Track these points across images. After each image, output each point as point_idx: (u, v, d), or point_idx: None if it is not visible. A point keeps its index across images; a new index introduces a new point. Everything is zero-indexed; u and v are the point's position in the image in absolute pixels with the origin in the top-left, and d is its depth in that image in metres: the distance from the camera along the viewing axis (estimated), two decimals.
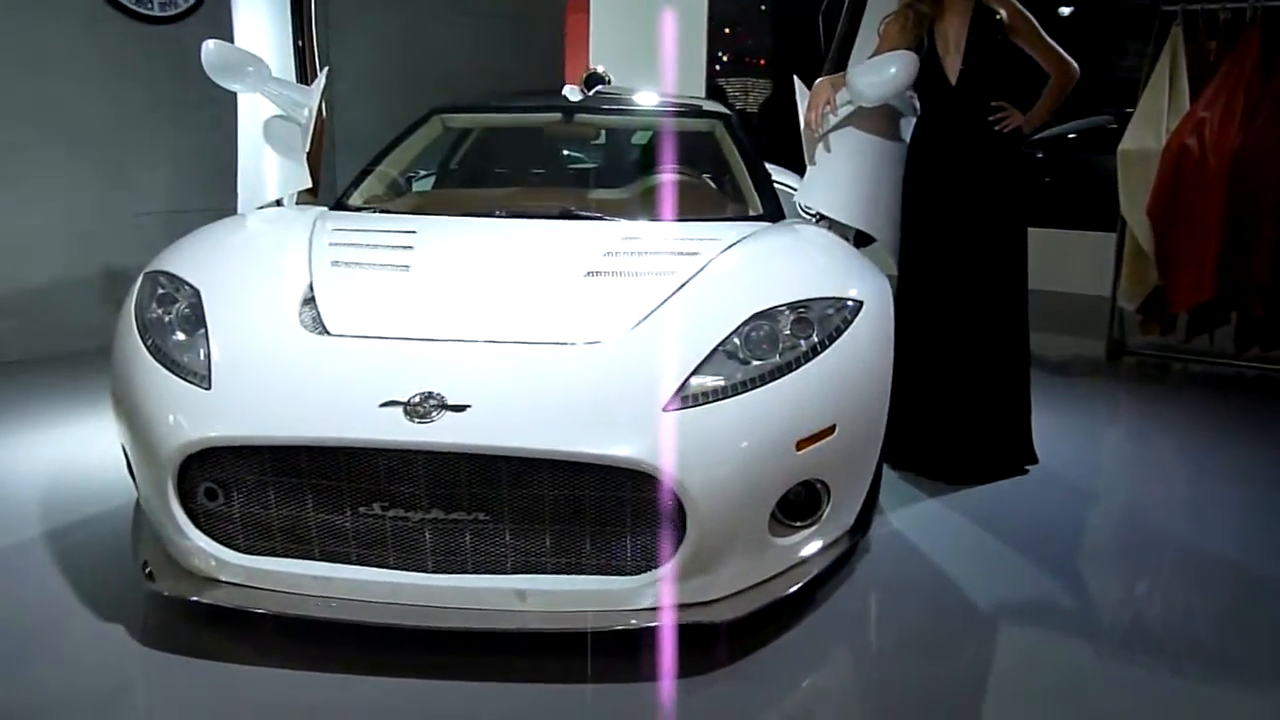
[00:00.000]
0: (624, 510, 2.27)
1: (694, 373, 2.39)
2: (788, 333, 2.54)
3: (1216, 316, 5.48)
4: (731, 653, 2.41)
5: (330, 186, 5.00)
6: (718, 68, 11.15)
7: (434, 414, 2.25)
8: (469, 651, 2.37)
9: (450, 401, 2.27)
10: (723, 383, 2.39)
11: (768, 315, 2.56)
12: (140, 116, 5.53)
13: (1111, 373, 5.65)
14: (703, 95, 8.59)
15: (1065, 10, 8.83)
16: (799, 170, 4.24)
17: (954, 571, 2.94)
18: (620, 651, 2.36)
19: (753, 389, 2.40)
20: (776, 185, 3.76)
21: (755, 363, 2.46)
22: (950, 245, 3.63)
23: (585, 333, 2.52)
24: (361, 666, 2.32)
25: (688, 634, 2.36)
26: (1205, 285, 5.15)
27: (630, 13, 7.72)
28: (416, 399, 2.27)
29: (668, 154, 3.95)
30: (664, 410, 2.30)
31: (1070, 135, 8.93)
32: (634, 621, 2.28)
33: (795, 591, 2.48)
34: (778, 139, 4.03)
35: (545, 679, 2.31)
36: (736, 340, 2.49)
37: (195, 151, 5.68)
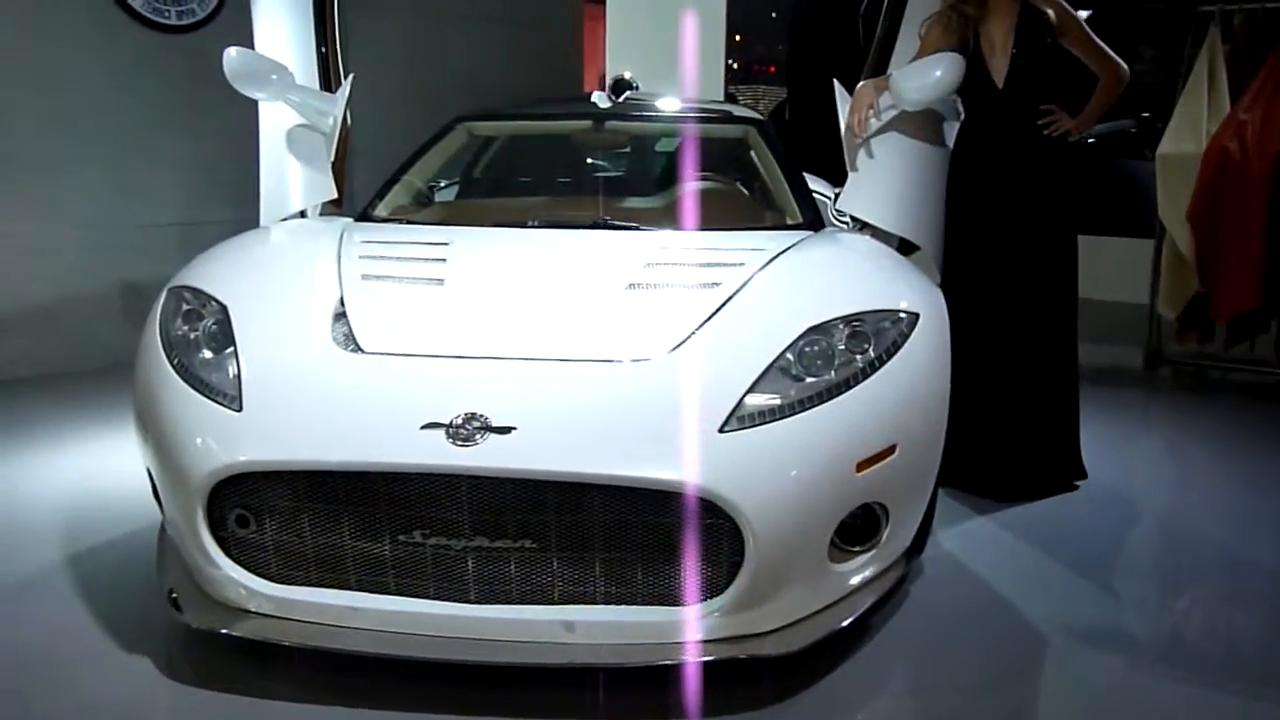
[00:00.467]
0: (678, 537, 2.15)
1: (748, 391, 2.27)
2: (842, 348, 2.42)
3: (1257, 324, 5.34)
4: (784, 686, 2.29)
5: (348, 196, 4.90)
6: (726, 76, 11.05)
7: (478, 436, 2.13)
8: (513, 687, 2.26)
9: (494, 423, 2.15)
10: (778, 402, 2.27)
11: (822, 330, 2.44)
12: (155, 126, 5.43)
13: (1150, 382, 5.51)
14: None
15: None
16: (827, 177, 4.13)
17: (1012, 595, 2.81)
18: (670, 685, 2.24)
19: (810, 408, 2.28)
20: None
21: (810, 380, 2.34)
22: (998, 253, 3.51)
23: (631, 349, 2.40)
24: (399, 702, 2.20)
25: (740, 667, 2.24)
26: (1249, 292, 5.01)
27: (646, 20, 7.60)
28: (459, 420, 2.15)
29: (701, 161, 3.83)
30: (719, 432, 2.18)
31: (1090, 140, 8.83)
32: (689, 655, 2.16)
33: (853, 622, 2.35)
34: (789, 146, 3.91)
35: (591, 715, 2.19)
36: (790, 356, 2.37)
37: (211, 162, 5.58)
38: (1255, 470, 4.01)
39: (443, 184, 3.96)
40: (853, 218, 3.51)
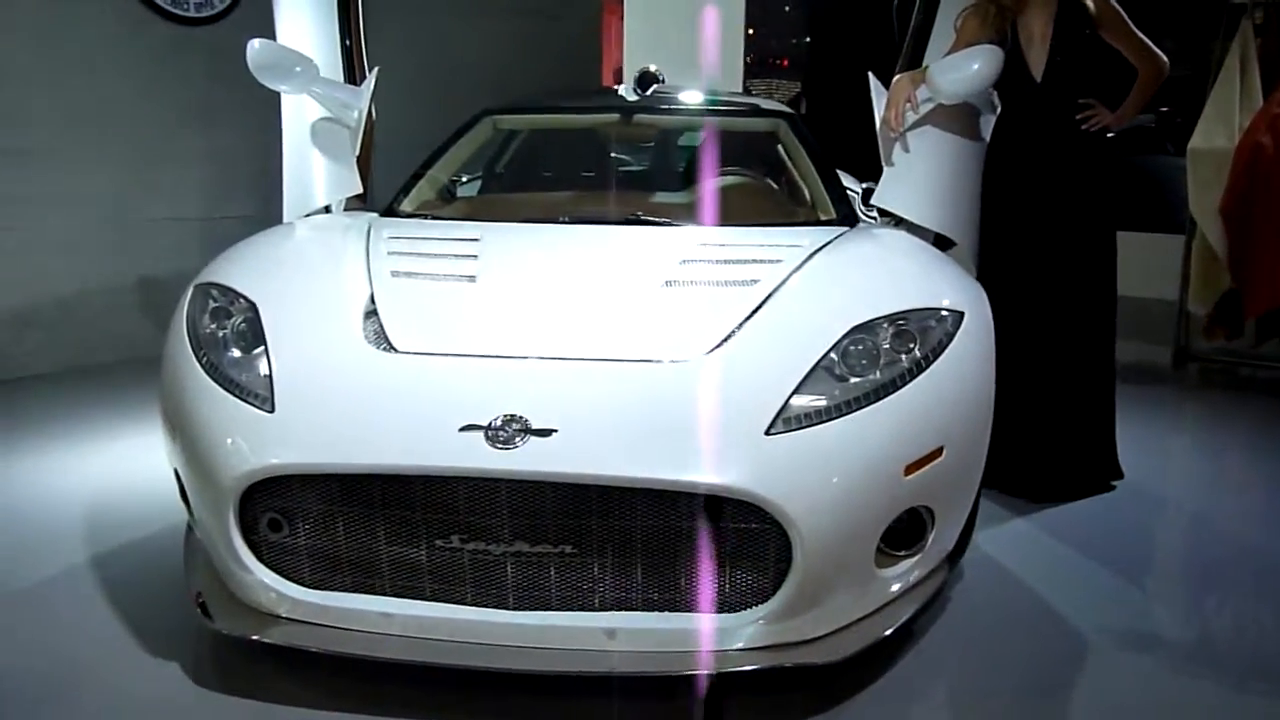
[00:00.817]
0: (723, 542, 2.09)
1: (794, 393, 2.20)
2: (887, 347, 2.35)
3: None
4: (827, 696, 2.23)
5: (370, 192, 4.84)
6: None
7: (518, 439, 2.07)
8: (552, 694, 2.20)
9: (535, 426, 2.09)
10: (825, 403, 2.20)
11: (866, 329, 2.37)
12: (174, 120, 5.38)
13: (1179, 380, 5.44)
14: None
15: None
16: (847, 170, 4.05)
17: (1054, 599, 2.75)
18: (711, 694, 2.18)
19: (857, 410, 2.21)
20: None
21: (855, 380, 2.27)
22: (1036, 250, 3.44)
23: (671, 349, 2.33)
24: (434, 711, 2.15)
25: (782, 675, 2.19)
26: None
27: (665, 13, 7.51)
28: (499, 423, 2.09)
29: (731, 156, 3.76)
30: (765, 434, 2.12)
31: (1110, 134, 8.75)
32: (733, 664, 2.10)
33: (901, 628, 2.29)
34: None
35: None
36: (834, 356, 2.31)
37: (230, 156, 5.53)
38: None
39: (467, 179, 3.90)
40: (885, 212, 3.44)
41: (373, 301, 2.55)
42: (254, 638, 2.19)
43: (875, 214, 3.50)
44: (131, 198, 5.27)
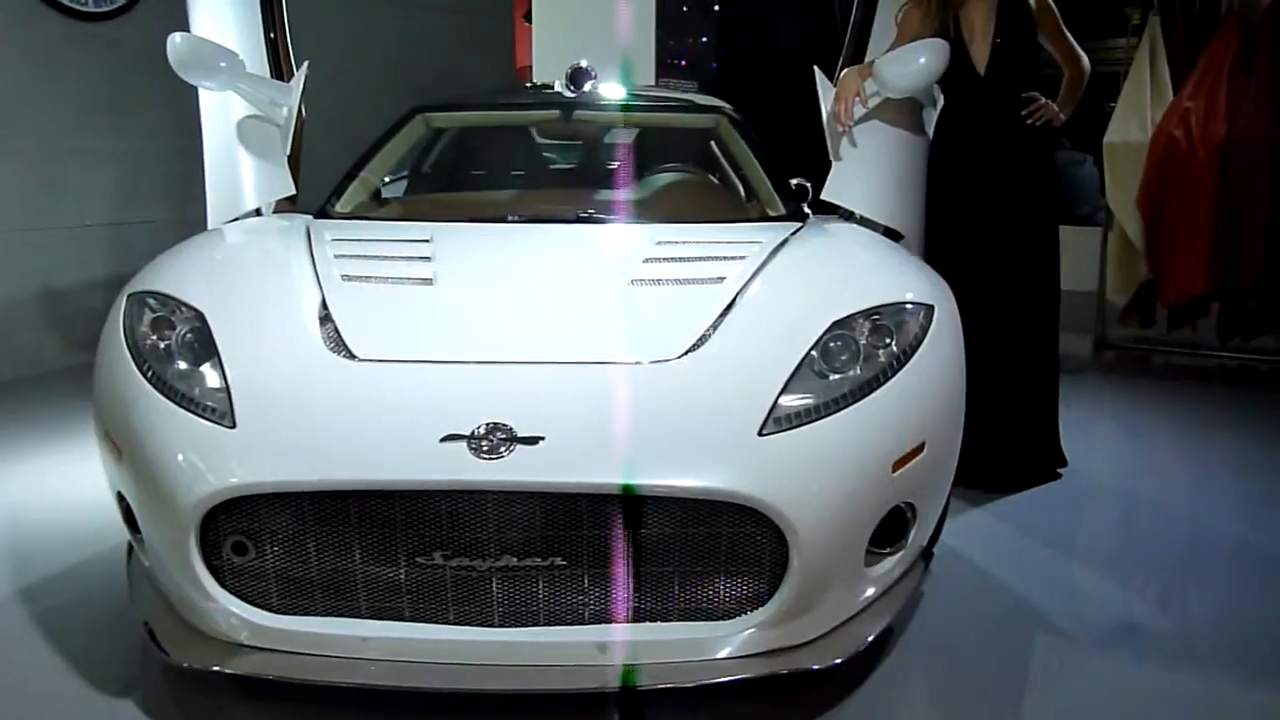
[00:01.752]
0: (718, 548, 2.03)
1: (782, 392, 2.15)
2: (865, 343, 2.32)
3: (1198, 308, 5.45)
4: (819, 699, 2.19)
5: None
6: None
7: (504, 448, 1.97)
8: (541, 713, 2.11)
9: (521, 433, 2.00)
10: (813, 401, 2.16)
11: (845, 324, 2.34)
12: (76, 121, 5.09)
13: (1100, 367, 5.58)
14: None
15: None
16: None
17: (1025, 591, 2.76)
18: (701, 703, 2.12)
19: (844, 407, 2.17)
20: None
21: (837, 378, 2.24)
22: (981, 243, 3.46)
23: (648, 350, 2.26)
24: None
25: (776, 679, 2.13)
26: (1197, 278, 5.10)
27: (574, 11, 7.42)
28: (482, 431, 1.99)
29: (675, 152, 3.72)
30: (759, 435, 2.06)
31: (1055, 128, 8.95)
32: (730, 673, 2.04)
33: (890, 624, 2.27)
34: None
35: None
36: (815, 354, 2.26)
37: (139, 158, 5.26)
38: (1219, 451, 4.08)
39: (390, 179, 3.76)
40: (826, 207, 3.43)
41: (325, 308, 2.42)
42: (217, 669, 2.04)
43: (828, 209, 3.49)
44: (32, 203, 4.96)
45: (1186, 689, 2.32)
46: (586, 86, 3.92)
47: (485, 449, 1.97)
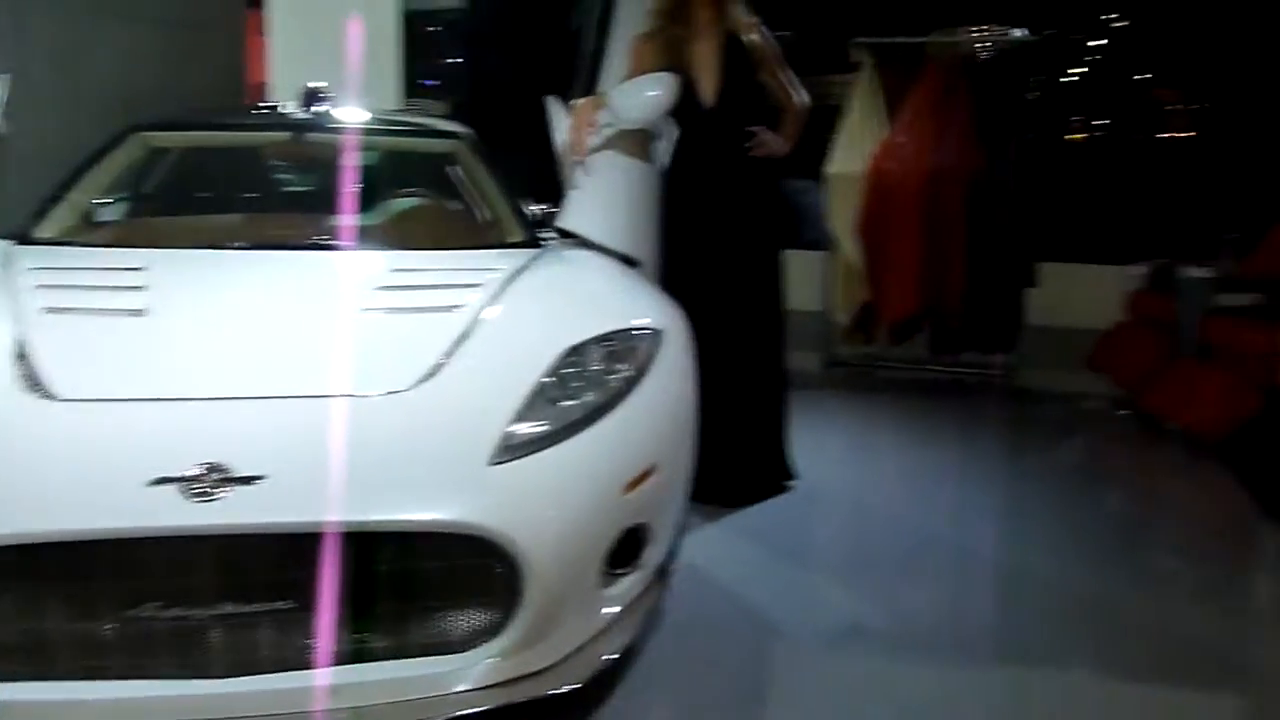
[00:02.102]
0: (452, 581, 2.01)
1: (514, 420, 2.16)
2: (600, 368, 2.37)
3: (913, 326, 5.90)
4: None
5: None
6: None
7: (220, 490, 1.88)
8: None
9: (239, 473, 1.91)
10: (547, 428, 2.18)
11: (579, 351, 2.38)
12: None
13: (829, 383, 5.92)
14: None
15: None
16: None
17: (760, 602, 2.90)
18: None
19: (577, 433, 2.20)
20: None
21: (571, 404, 2.27)
22: (710, 268, 3.62)
23: (379, 382, 2.21)
24: None
25: (516, 711, 2.13)
26: (910, 299, 5.53)
27: (312, 30, 7.19)
28: (197, 473, 1.89)
29: (412, 177, 3.66)
30: (489, 465, 2.06)
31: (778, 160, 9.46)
32: (469, 706, 2.02)
33: (630, 645, 2.31)
34: None
35: None
36: (550, 380, 2.29)
37: None
38: (934, 459, 4.43)
39: (118, 200, 3.52)
40: (563, 233, 3.48)
41: (21, 344, 2.23)
42: None
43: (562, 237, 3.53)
44: None
45: (909, 676, 2.54)
46: (321, 107, 3.81)
47: (197, 492, 1.87)
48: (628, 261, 3.47)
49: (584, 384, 2.32)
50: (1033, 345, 5.89)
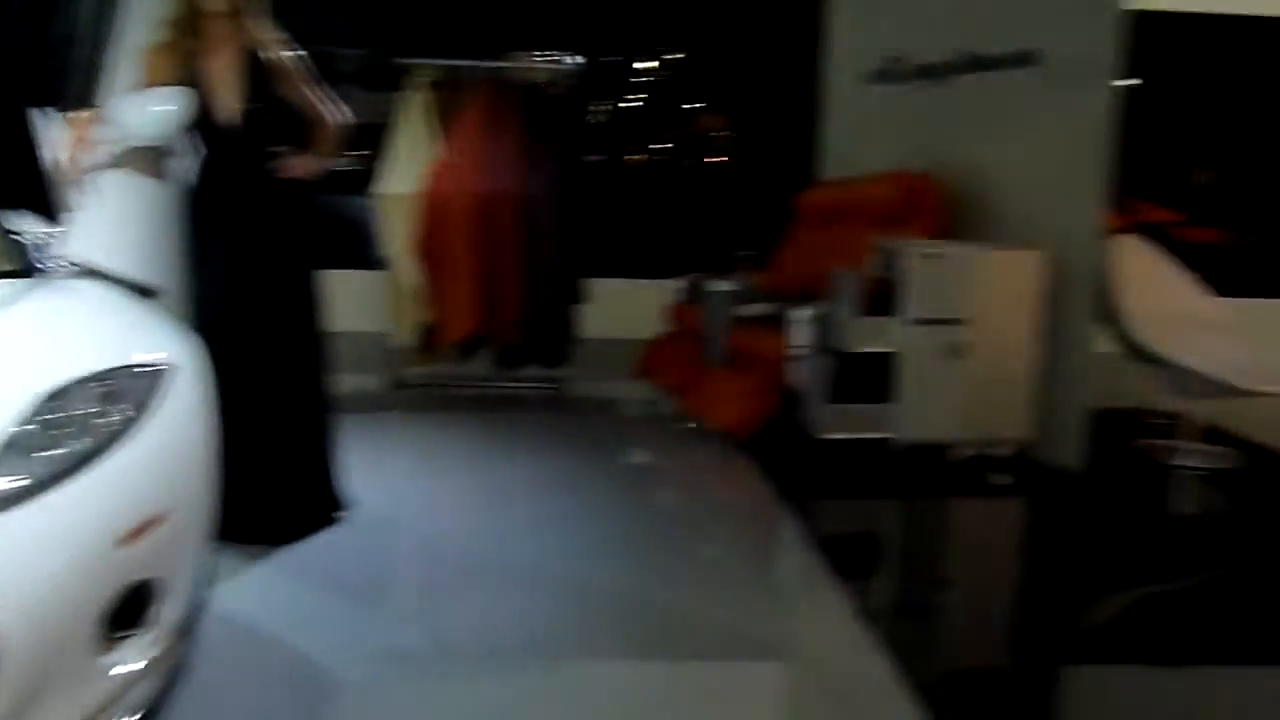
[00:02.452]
0: None
1: None
2: (94, 411, 2.15)
3: (476, 344, 5.99)
4: None
5: None
6: None
7: None
8: None
9: None
10: (25, 482, 1.93)
11: (65, 394, 2.13)
12: None
13: (395, 404, 5.84)
14: None
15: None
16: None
17: (305, 643, 2.79)
18: None
19: (59, 484, 1.98)
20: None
21: (58, 452, 2.03)
22: (237, 295, 3.41)
23: None
24: None
25: None
26: (469, 318, 5.60)
27: None
28: None
29: None
30: None
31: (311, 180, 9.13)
32: None
33: (148, 709, 2.12)
34: None
35: None
36: (31, 429, 2.04)
37: None
38: (498, 475, 4.52)
39: None
40: (74, 262, 3.14)
41: None
42: None
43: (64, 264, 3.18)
44: None
45: (446, 692, 2.59)
46: None
47: None
48: (144, 290, 3.21)
49: (73, 430, 2.09)
50: (589, 358, 6.18)
